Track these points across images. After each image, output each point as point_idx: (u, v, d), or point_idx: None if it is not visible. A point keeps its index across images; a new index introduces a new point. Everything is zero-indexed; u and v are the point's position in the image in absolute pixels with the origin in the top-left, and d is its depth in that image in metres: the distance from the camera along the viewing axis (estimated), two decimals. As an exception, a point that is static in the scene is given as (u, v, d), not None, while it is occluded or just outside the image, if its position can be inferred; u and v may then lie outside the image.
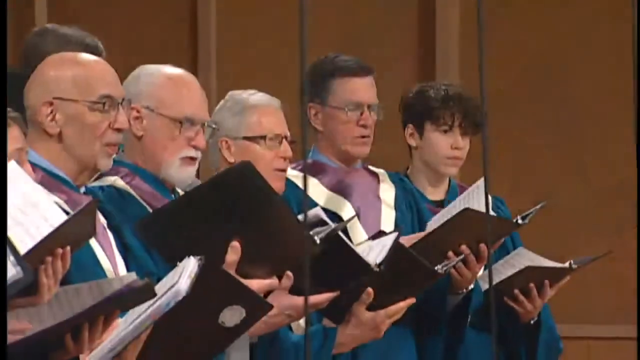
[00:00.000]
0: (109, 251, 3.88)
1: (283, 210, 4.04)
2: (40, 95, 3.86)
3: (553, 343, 5.16)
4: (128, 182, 4.17)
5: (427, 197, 5.19)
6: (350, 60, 5.05)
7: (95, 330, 3.43)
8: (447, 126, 5.09)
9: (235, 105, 4.61)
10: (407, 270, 4.45)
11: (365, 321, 4.42)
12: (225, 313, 3.77)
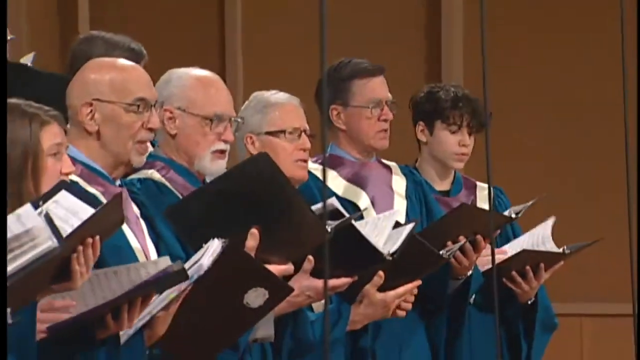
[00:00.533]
0: (141, 238, 3.88)
1: (297, 199, 4.02)
2: (81, 96, 3.86)
3: (548, 320, 5.15)
4: (163, 175, 4.15)
5: (434, 187, 5.20)
6: (364, 63, 5.05)
7: (133, 311, 3.44)
8: (456, 126, 5.11)
9: (258, 104, 4.59)
10: (415, 255, 4.45)
11: (376, 301, 4.46)
12: (250, 294, 3.77)
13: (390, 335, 4.84)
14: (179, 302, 3.56)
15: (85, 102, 3.84)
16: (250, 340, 4.07)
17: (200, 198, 3.97)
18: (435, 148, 5.15)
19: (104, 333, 3.45)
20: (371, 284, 4.41)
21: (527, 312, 5.07)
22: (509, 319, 5.06)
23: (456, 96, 5.11)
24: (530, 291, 5.01)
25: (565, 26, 7.35)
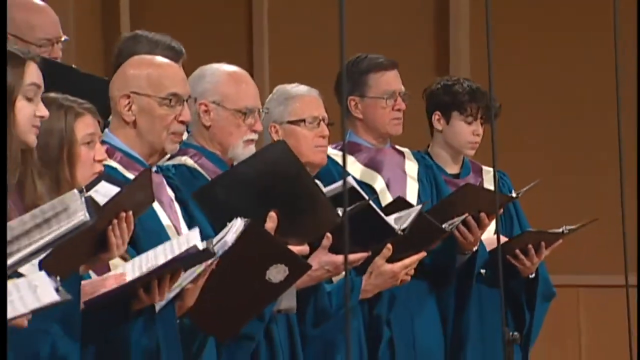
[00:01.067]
0: (174, 219, 3.87)
1: (311, 184, 4.02)
2: (120, 88, 3.86)
3: (547, 291, 5.14)
4: (196, 161, 4.15)
5: (446, 170, 5.19)
6: (380, 58, 5.04)
7: (163, 285, 3.42)
8: (472, 117, 5.11)
9: (281, 96, 4.59)
10: (420, 230, 4.44)
11: (385, 272, 4.46)
12: (271, 271, 3.75)
13: (403, 306, 4.84)
14: (206, 276, 3.55)
15: (123, 94, 3.83)
16: (275, 311, 4.07)
17: (224, 182, 3.96)
18: (450, 136, 5.15)
19: (139, 305, 3.44)
20: (380, 257, 4.41)
21: (529, 285, 5.07)
22: (514, 291, 5.05)
23: (472, 90, 5.11)
24: (532, 267, 5.01)
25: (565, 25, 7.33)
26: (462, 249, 4.89)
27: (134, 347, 3.43)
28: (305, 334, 4.26)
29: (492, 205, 4.76)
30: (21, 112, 3.29)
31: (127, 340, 3.42)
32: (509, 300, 5.06)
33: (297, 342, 4.19)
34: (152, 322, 3.48)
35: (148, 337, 3.46)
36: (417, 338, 4.90)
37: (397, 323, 4.82)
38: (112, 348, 3.42)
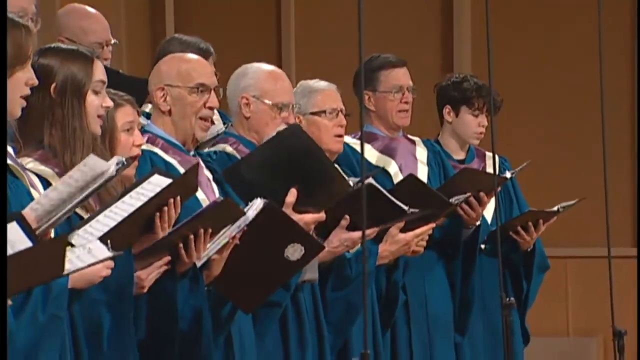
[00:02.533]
0: (211, 197, 3.86)
1: (325, 160, 3.99)
2: (156, 82, 3.89)
3: (543, 262, 5.19)
4: (235, 148, 4.16)
5: (453, 156, 5.22)
6: (390, 57, 5.07)
7: (198, 241, 3.40)
8: (478, 110, 5.13)
9: (304, 90, 4.59)
10: (430, 204, 4.47)
11: (399, 240, 4.49)
12: (289, 249, 3.71)
13: (416, 270, 4.86)
14: (229, 248, 3.54)
15: (158, 87, 3.85)
16: (300, 281, 4.08)
17: (248, 162, 3.96)
18: (458, 127, 5.16)
19: (183, 267, 3.44)
20: (394, 226, 4.43)
21: (527, 258, 5.09)
22: (513, 263, 5.10)
23: (478, 86, 5.12)
24: (530, 241, 5.06)
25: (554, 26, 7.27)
26: (466, 224, 4.92)
27: (181, 306, 3.44)
28: (328, 299, 4.27)
29: (489, 185, 4.78)
30: (90, 104, 3.32)
31: (175, 300, 3.42)
32: (509, 270, 5.08)
33: (319, 308, 4.19)
34: (197, 283, 3.49)
35: (194, 297, 3.48)
36: (429, 301, 4.91)
37: (411, 288, 4.84)
38: (161, 309, 3.43)
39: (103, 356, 3.23)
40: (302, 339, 4.09)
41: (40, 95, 3.27)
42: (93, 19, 4.78)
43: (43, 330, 2.90)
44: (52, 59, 3.31)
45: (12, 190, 3.00)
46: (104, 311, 3.22)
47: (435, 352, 4.93)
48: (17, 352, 2.83)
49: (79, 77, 3.30)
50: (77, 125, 3.29)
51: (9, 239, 2.29)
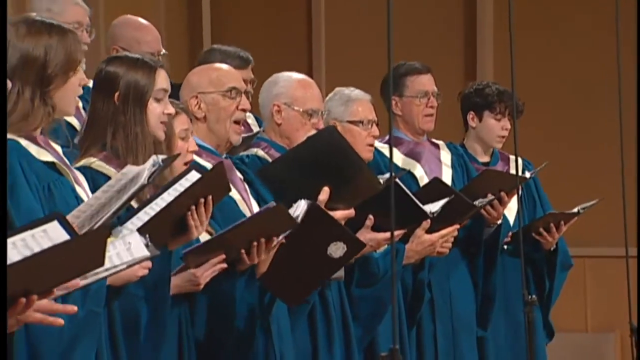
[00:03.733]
0: (245, 196, 3.89)
1: (357, 160, 4.01)
2: (188, 92, 3.89)
3: (566, 261, 5.18)
4: (266, 152, 4.16)
5: (478, 159, 5.22)
6: (415, 64, 5.07)
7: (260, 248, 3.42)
8: (501, 115, 5.15)
9: (342, 98, 4.61)
10: (455, 206, 4.46)
11: (424, 241, 4.47)
12: (332, 247, 3.73)
13: (441, 269, 4.85)
14: (276, 247, 3.55)
15: (192, 96, 3.87)
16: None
17: (283, 161, 3.96)
18: (482, 132, 5.18)
19: (243, 266, 3.44)
20: (420, 228, 4.42)
21: (550, 257, 5.09)
22: (536, 262, 5.08)
23: (500, 92, 5.14)
24: (553, 241, 5.04)
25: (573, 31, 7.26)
26: (488, 222, 4.92)
27: (239, 301, 3.46)
28: (355, 296, 4.26)
29: (510, 185, 4.77)
30: (152, 112, 3.34)
31: (233, 296, 3.44)
32: (532, 269, 5.07)
33: (346, 305, 4.18)
34: (253, 280, 3.50)
35: (250, 292, 3.49)
36: (453, 298, 4.91)
37: (436, 285, 4.84)
38: (220, 307, 3.45)
39: (139, 349, 3.22)
40: (329, 335, 4.08)
41: (105, 101, 3.34)
42: (146, 30, 4.84)
43: (81, 325, 2.89)
44: (117, 67, 3.35)
45: (57, 187, 3.00)
46: (142, 306, 3.21)
47: (459, 347, 4.92)
48: (54, 347, 2.80)
49: (142, 85, 3.34)
50: (139, 130, 3.32)
51: (51, 237, 2.26)
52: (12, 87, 2.95)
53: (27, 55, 2.97)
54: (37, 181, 2.95)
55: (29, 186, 2.93)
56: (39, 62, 2.97)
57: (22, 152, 2.96)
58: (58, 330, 2.80)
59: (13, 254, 2.21)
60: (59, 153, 3.09)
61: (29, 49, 2.97)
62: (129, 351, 3.21)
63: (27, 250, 2.23)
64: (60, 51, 2.99)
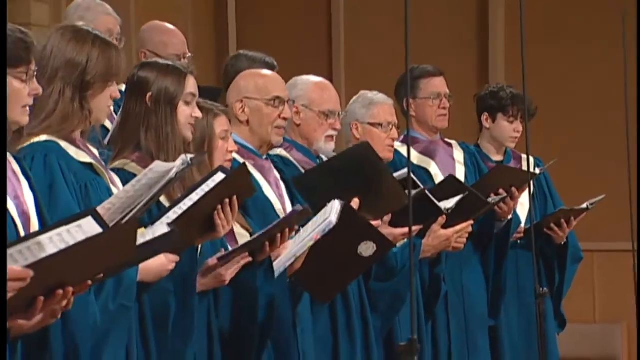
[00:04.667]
0: (279, 195, 3.91)
1: (388, 175, 4.05)
2: (235, 96, 3.93)
3: (576, 254, 5.18)
4: (288, 152, 4.18)
5: (492, 159, 5.23)
6: (428, 67, 5.07)
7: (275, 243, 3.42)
8: (513, 117, 5.16)
9: (364, 101, 4.63)
10: (469, 203, 4.46)
11: (440, 236, 4.47)
12: (362, 246, 3.73)
13: (453, 262, 4.84)
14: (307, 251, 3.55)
15: (237, 99, 3.90)
16: None
17: (318, 171, 4.00)
18: (496, 132, 5.19)
19: (261, 257, 3.45)
20: (436, 223, 4.42)
21: (561, 250, 5.09)
22: (548, 256, 5.07)
23: (513, 95, 5.15)
24: (563, 236, 5.05)
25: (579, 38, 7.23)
26: (499, 217, 4.91)
27: (259, 291, 3.46)
28: (374, 289, 4.25)
29: (521, 180, 4.78)
30: (182, 114, 3.36)
31: (254, 286, 3.45)
32: (544, 262, 5.06)
33: (364, 297, 4.17)
34: (271, 271, 3.50)
35: (269, 284, 3.49)
36: (465, 291, 4.90)
37: (450, 278, 4.81)
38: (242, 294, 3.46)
39: (168, 342, 3.22)
40: (350, 325, 4.07)
41: (138, 104, 3.34)
42: (172, 34, 4.88)
43: (113, 318, 2.90)
44: (149, 72, 3.37)
45: (94, 187, 3.03)
46: (171, 300, 3.21)
47: (472, 337, 4.91)
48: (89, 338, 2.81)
49: (172, 89, 3.36)
50: (170, 131, 3.33)
51: (85, 232, 2.26)
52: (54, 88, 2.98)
53: (71, 59, 3.02)
54: (74, 180, 2.98)
55: (66, 185, 2.95)
56: (81, 67, 3.01)
57: (61, 153, 2.99)
58: (93, 323, 2.81)
59: (50, 248, 2.21)
60: (96, 155, 3.12)
61: (73, 54, 3.02)
62: (158, 344, 3.20)
63: (63, 244, 2.24)
64: (101, 61, 3.04)
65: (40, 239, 2.23)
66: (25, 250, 2.20)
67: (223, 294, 3.42)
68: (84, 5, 4.65)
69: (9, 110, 2.61)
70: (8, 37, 2.59)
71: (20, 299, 2.19)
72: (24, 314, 2.26)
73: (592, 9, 7.13)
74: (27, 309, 2.24)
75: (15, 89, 2.62)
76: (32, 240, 2.23)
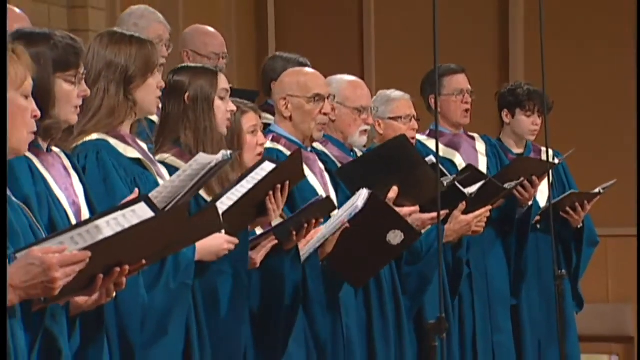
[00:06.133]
0: (323, 185, 3.92)
1: (424, 165, 4.04)
2: (279, 93, 3.94)
3: (592, 238, 5.14)
4: (324, 146, 4.19)
5: (512, 151, 5.21)
6: (451, 65, 5.05)
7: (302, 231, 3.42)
8: (530, 112, 5.14)
9: (383, 99, 4.64)
10: (486, 189, 4.46)
11: (461, 221, 4.45)
12: (390, 235, 3.72)
13: (478, 248, 4.83)
14: (340, 230, 3.55)
15: (281, 97, 3.91)
16: None
17: (360, 163, 4.00)
18: (515, 127, 5.17)
19: (290, 245, 3.46)
20: (457, 209, 4.40)
21: (577, 234, 5.06)
22: (565, 239, 5.05)
23: (530, 92, 5.13)
24: (579, 219, 5.01)
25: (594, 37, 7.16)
26: (520, 203, 4.89)
27: (286, 278, 3.46)
28: (403, 272, 4.24)
29: (540, 170, 4.77)
30: (218, 108, 3.38)
31: (282, 272, 3.45)
32: (562, 245, 5.04)
33: (396, 279, 4.18)
34: (297, 259, 3.51)
35: (295, 271, 3.49)
36: (489, 272, 4.89)
37: (474, 262, 4.81)
38: (271, 278, 3.45)
39: (219, 324, 3.22)
40: (382, 306, 4.07)
41: (176, 104, 3.35)
42: (212, 35, 4.94)
43: (174, 296, 2.93)
44: (184, 75, 3.40)
45: (142, 180, 3.05)
46: (222, 282, 3.22)
47: (495, 315, 4.89)
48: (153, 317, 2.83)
49: (207, 87, 3.38)
50: (207, 125, 3.35)
51: (139, 216, 2.28)
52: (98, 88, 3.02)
53: (111, 61, 3.05)
54: (125, 175, 3.01)
55: (119, 177, 2.99)
56: (120, 66, 3.05)
57: (111, 150, 3.02)
58: (141, 303, 2.82)
59: (107, 231, 2.23)
60: (145, 150, 3.14)
61: (112, 57, 3.06)
62: (209, 324, 3.21)
63: (119, 227, 2.27)
64: (139, 56, 3.06)
65: (98, 223, 2.26)
66: (85, 233, 2.24)
67: (254, 277, 3.42)
68: (138, 13, 4.69)
69: (59, 110, 2.63)
70: (59, 43, 2.64)
71: (81, 278, 2.21)
72: (85, 291, 2.27)
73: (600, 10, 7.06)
74: (88, 287, 2.26)
75: (65, 91, 2.65)
76: (91, 224, 2.26)
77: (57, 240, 2.20)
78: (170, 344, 2.91)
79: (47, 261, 2.15)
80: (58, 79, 2.64)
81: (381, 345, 3.98)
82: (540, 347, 5.00)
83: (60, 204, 2.64)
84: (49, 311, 2.35)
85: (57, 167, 2.70)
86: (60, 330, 2.40)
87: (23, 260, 2.16)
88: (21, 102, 2.35)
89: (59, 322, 2.41)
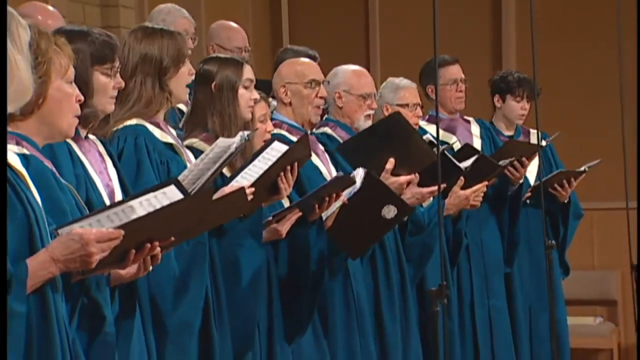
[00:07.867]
0: (326, 165, 3.93)
1: (418, 138, 4.04)
2: (278, 82, 3.92)
3: (577, 211, 5.15)
4: (333, 130, 4.19)
5: (504, 134, 5.22)
6: (445, 56, 5.03)
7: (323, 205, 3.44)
8: (520, 97, 5.15)
9: (392, 86, 4.63)
10: (483, 167, 4.47)
11: (460, 196, 4.46)
12: (385, 209, 3.72)
13: (474, 222, 4.83)
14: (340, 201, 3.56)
15: (280, 85, 3.90)
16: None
17: (359, 139, 4.00)
18: (506, 111, 5.19)
19: (314, 217, 3.47)
20: (456, 185, 4.42)
21: (564, 208, 5.08)
22: (553, 212, 5.05)
23: (519, 79, 5.14)
24: (566, 195, 5.03)
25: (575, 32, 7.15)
26: (512, 182, 4.90)
27: (312, 246, 3.48)
28: (407, 242, 4.25)
29: (530, 151, 4.79)
30: (242, 97, 3.38)
31: (308, 241, 3.46)
32: (550, 218, 5.04)
33: (401, 248, 4.17)
34: (322, 229, 3.55)
35: (321, 240, 3.52)
36: (484, 244, 4.89)
37: (471, 234, 4.81)
38: (298, 247, 3.47)
39: (239, 293, 3.23)
40: (388, 274, 4.07)
41: (204, 92, 3.36)
42: (235, 30, 4.95)
43: (190, 257, 2.93)
44: (212, 65, 3.40)
45: (173, 164, 3.08)
46: (240, 252, 3.22)
47: (490, 283, 4.90)
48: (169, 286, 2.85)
49: (232, 78, 3.38)
50: (232, 112, 3.36)
51: (169, 197, 2.31)
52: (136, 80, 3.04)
53: (145, 54, 3.07)
54: (158, 158, 3.04)
55: (151, 164, 3.01)
56: (155, 58, 3.06)
57: (148, 135, 3.05)
58: (172, 274, 2.84)
59: (140, 211, 2.26)
60: (175, 136, 3.17)
61: (146, 50, 3.07)
62: (229, 294, 3.21)
63: (151, 207, 2.29)
64: (171, 47, 3.07)
65: (131, 203, 2.29)
66: (120, 212, 2.26)
67: (281, 247, 3.43)
68: (165, 10, 4.75)
69: (97, 100, 2.67)
70: (96, 40, 2.68)
71: (115, 252, 2.24)
72: (119, 264, 2.30)
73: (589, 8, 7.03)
74: (121, 261, 2.29)
75: (102, 83, 2.69)
76: (125, 204, 2.28)
77: (95, 218, 2.23)
78: (192, 300, 2.91)
79: (85, 237, 2.18)
80: (95, 71, 2.67)
81: (387, 310, 4.00)
82: (531, 311, 5.03)
83: (96, 186, 2.68)
84: (94, 281, 2.39)
85: (93, 152, 2.73)
86: (104, 298, 2.45)
87: (65, 236, 2.18)
88: (67, 89, 2.37)
89: (102, 291, 2.46)
